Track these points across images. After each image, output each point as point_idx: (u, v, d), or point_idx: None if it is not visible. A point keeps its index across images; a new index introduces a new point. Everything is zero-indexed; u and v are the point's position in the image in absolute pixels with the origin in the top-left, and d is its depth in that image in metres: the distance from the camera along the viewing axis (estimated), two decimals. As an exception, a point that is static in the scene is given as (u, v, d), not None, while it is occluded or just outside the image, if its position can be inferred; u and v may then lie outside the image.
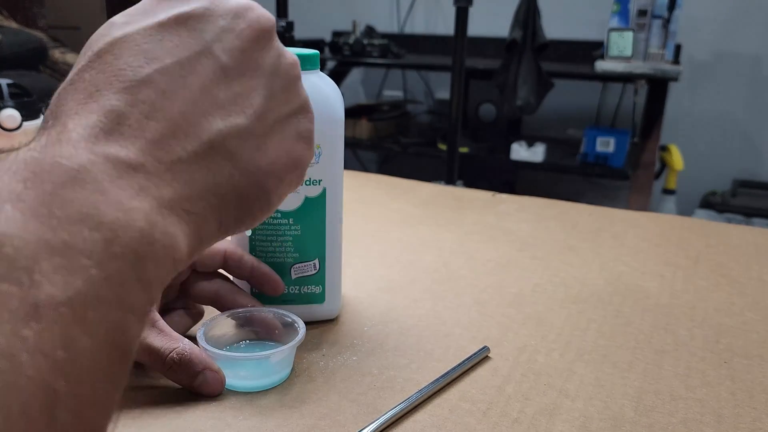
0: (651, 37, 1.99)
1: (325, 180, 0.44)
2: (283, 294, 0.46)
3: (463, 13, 1.47)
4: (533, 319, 0.49)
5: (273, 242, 0.45)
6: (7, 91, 0.81)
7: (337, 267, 0.47)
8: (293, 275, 0.46)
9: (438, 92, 2.66)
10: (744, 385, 0.41)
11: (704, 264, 0.62)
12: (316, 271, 0.46)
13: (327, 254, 0.46)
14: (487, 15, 2.24)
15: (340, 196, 0.46)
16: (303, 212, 0.45)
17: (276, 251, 0.45)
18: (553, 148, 2.20)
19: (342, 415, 0.37)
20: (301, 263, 0.46)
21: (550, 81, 1.99)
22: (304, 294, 0.47)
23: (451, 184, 1.55)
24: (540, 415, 0.37)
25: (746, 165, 2.28)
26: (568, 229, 0.71)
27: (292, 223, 0.45)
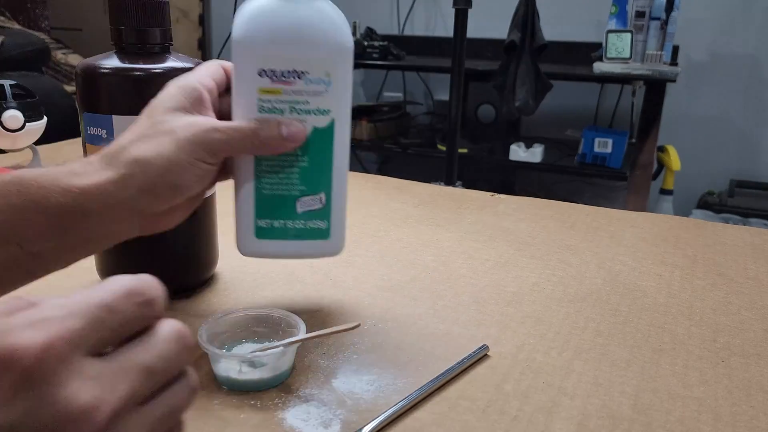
0: (649, 38, 1.99)
1: (333, 110, 0.43)
2: (288, 228, 0.45)
3: (462, 15, 1.48)
4: (532, 318, 0.50)
5: (279, 173, 0.43)
6: (10, 91, 0.81)
7: (342, 202, 0.46)
8: (299, 209, 0.44)
9: (437, 93, 2.67)
10: (741, 384, 0.42)
11: (701, 263, 0.62)
12: (322, 205, 0.45)
13: (333, 188, 0.45)
14: (486, 17, 2.25)
15: (348, 128, 0.44)
16: (310, 143, 0.43)
17: (282, 182, 0.43)
18: (552, 149, 2.21)
19: (342, 413, 0.37)
20: (307, 196, 0.44)
21: (548, 82, 2.00)
22: (310, 229, 0.45)
23: (451, 184, 1.56)
24: (538, 412, 0.38)
25: (743, 165, 2.29)
26: (566, 228, 0.71)
27: (299, 154, 0.43)
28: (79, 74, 0.48)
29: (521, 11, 1.97)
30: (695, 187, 2.29)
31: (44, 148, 0.94)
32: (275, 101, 0.41)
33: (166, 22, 0.48)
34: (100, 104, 0.47)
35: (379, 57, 2.30)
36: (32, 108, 0.83)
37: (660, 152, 2.20)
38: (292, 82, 0.41)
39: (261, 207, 0.44)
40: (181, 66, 0.48)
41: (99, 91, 0.47)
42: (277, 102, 0.41)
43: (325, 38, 0.41)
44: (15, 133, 0.81)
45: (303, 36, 0.41)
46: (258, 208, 0.44)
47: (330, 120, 0.43)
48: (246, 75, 0.41)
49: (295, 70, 0.41)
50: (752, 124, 2.26)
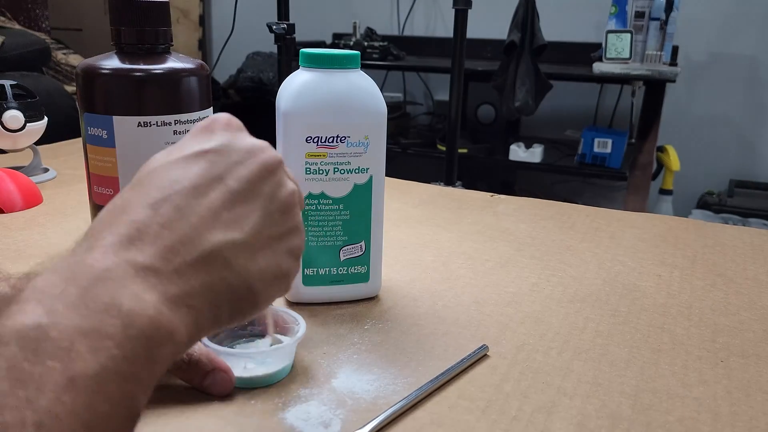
0: (648, 38, 2.00)
1: (371, 168, 0.49)
2: (332, 275, 0.50)
3: (462, 16, 1.48)
4: (531, 318, 0.50)
5: (324, 227, 0.49)
6: (10, 92, 0.81)
7: (379, 248, 0.51)
8: (342, 257, 0.50)
9: (437, 94, 2.67)
10: (740, 384, 0.42)
11: (701, 264, 0.62)
12: (362, 252, 0.50)
13: (372, 236, 0.50)
14: (485, 17, 2.25)
15: (383, 183, 0.50)
16: (352, 198, 0.49)
17: (327, 235, 0.49)
18: (551, 149, 2.21)
19: (342, 413, 0.37)
20: (349, 245, 0.50)
21: (548, 82, 2.00)
22: (352, 274, 0.50)
23: (451, 184, 1.56)
24: (538, 412, 0.38)
25: (743, 165, 2.29)
26: (566, 229, 0.71)
27: (342, 208, 0.49)
28: (80, 74, 0.48)
29: (521, 11, 1.97)
30: (695, 187, 2.29)
31: (45, 148, 0.94)
32: (320, 163, 0.47)
33: (166, 22, 0.48)
34: (101, 104, 0.47)
35: (379, 57, 2.30)
36: (33, 108, 0.83)
37: (659, 152, 2.20)
38: (336, 147, 0.47)
39: (308, 257, 0.49)
40: (181, 66, 0.49)
41: (99, 91, 0.48)
42: (323, 164, 0.47)
43: (363, 106, 0.47)
44: (15, 134, 0.81)
45: (343, 106, 0.47)
46: (305, 259, 0.49)
47: (369, 177, 0.49)
48: (294, 142, 0.47)
49: (338, 135, 0.47)
50: (752, 124, 2.26)
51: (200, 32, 3.07)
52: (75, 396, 0.20)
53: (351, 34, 2.43)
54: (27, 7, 2.55)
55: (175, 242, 0.26)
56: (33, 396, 0.20)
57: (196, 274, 0.26)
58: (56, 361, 0.21)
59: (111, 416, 0.21)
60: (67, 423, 0.20)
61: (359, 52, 0.48)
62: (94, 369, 0.21)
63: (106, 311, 0.23)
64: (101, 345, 0.22)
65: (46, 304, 0.22)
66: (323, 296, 0.51)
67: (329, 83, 0.47)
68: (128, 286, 0.24)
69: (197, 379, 0.38)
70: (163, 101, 0.48)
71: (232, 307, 0.28)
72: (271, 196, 0.29)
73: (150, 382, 0.24)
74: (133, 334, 0.23)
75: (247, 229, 0.28)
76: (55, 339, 0.21)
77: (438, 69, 2.33)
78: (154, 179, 0.28)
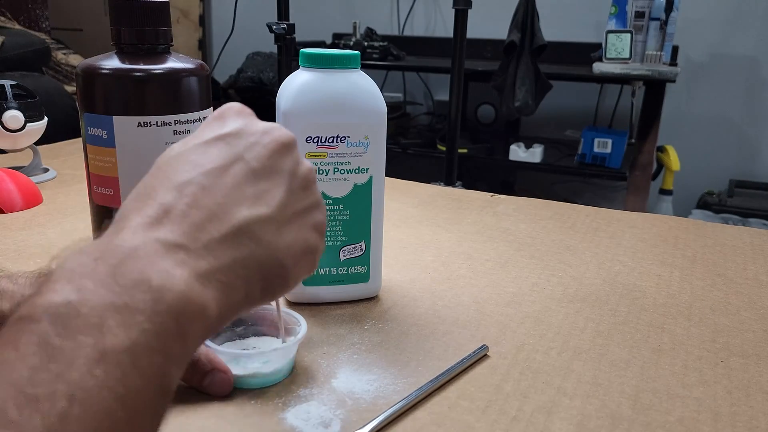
0: (648, 39, 2.00)
1: (371, 168, 0.49)
2: (332, 275, 0.50)
3: (462, 16, 1.48)
4: (531, 318, 0.50)
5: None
6: (10, 92, 0.81)
7: (379, 248, 0.51)
8: (342, 257, 0.50)
9: (437, 94, 2.67)
10: (740, 384, 0.42)
11: (701, 264, 0.63)
12: (362, 252, 0.50)
13: (372, 236, 0.50)
14: (485, 17, 2.25)
15: (383, 183, 0.50)
16: (352, 198, 0.49)
17: (327, 235, 0.49)
18: (551, 149, 2.21)
19: (342, 413, 0.37)
20: (349, 245, 0.50)
21: (548, 82, 2.00)
22: (352, 274, 0.51)
23: (450, 184, 1.56)
24: (538, 412, 0.38)
25: (743, 165, 2.29)
26: (566, 229, 0.71)
27: (342, 208, 0.49)
28: (80, 74, 0.48)
29: (521, 12, 1.97)
30: (695, 187, 2.29)
31: (45, 149, 0.94)
32: (321, 163, 0.47)
33: (166, 22, 0.48)
34: (101, 105, 0.47)
35: (379, 57, 2.30)
36: (33, 108, 0.83)
37: (659, 152, 2.20)
38: (336, 147, 0.47)
39: None
40: (181, 66, 0.49)
41: (99, 91, 0.48)
42: (323, 164, 0.47)
43: (363, 106, 0.48)
44: (15, 134, 0.81)
45: (343, 106, 0.47)
46: None
47: (369, 177, 0.49)
48: None
49: (338, 135, 0.47)
50: (752, 124, 2.26)
51: (200, 32, 3.07)
52: (107, 370, 0.21)
53: (351, 34, 2.43)
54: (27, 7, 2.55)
55: (202, 220, 0.26)
56: (64, 370, 0.20)
57: (226, 250, 0.26)
58: (87, 336, 0.21)
59: (143, 390, 0.22)
60: (99, 396, 0.20)
61: (359, 52, 0.48)
62: (125, 343, 0.21)
63: (136, 287, 0.23)
64: (132, 320, 0.22)
65: (75, 282, 0.22)
66: (323, 296, 0.51)
67: (329, 83, 0.47)
68: (157, 263, 0.24)
69: (196, 379, 0.38)
70: (163, 101, 0.48)
71: (263, 282, 0.28)
72: (292, 172, 0.30)
73: (182, 358, 0.24)
74: (163, 309, 0.23)
75: (273, 204, 0.29)
76: (85, 315, 0.21)
77: (438, 69, 2.33)
78: (175, 165, 0.28)
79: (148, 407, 0.22)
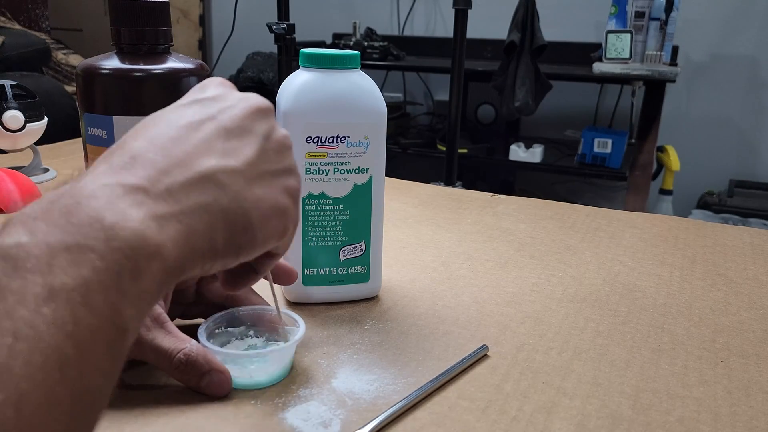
0: (648, 39, 2.00)
1: (371, 168, 0.49)
2: (332, 275, 0.50)
3: (462, 16, 1.48)
4: (531, 318, 0.50)
5: (324, 227, 0.49)
6: (10, 92, 0.81)
7: (379, 248, 0.51)
8: (342, 257, 0.50)
9: (437, 94, 2.67)
10: (740, 384, 0.42)
11: (701, 264, 0.62)
12: (362, 252, 0.50)
13: (372, 236, 0.50)
14: (485, 17, 2.25)
15: (383, 183, 0.50)
16: (352, 198, 0.49)
17: (327, 235, 0.49)
18: (551, 149, 2.21)
19: (342, 413, 0.37)
20: (349, 245, 0.50)
21: (548, 82, 2.00)
22: (352, 274, 0.50)
23: (451, 184, 1.56)
24: (538, 413, 0.38)
25: (743, 165, 2.29)
26: (566, 229, 0.71)
27: (342, 208, 0.49)
28: (80, 75, 0.48)
29: (521, 12, 1.97)
30: (695, 187, 2.29)
31: (45, 149, 0.94)
32: (320, 163, 0.47)
33: (166, 22, 0.48)
34: (101, 104, 0.47)
35: (379, 57, 2.30)
36: (33, 108, 0.83)
37: (659, 152, 2.20)
38: (336, 147, 0.47)
39: (308, 258, 0.49)
40: (181, 66, 0.49)
41: (99, 91, 0.48)
42: (323, 164, 0.47)
43: (363, 106, 0.48)
44: (15, 134, 0.81)
45: (343, 106, 0.47)
46: (305, 259, 0.49)
47: (369, 177, 0.49)
48: (294, 142, 0.49)
49: (338, 135, 0.47)
50: (752, 124, 2.26)
51: (200, 32, 3.07)
52: (56, 307, 0.20)
53: (351, 34, 2.43)
54: (27, 7, 2.55)
55: (167, 165, 0.26)
56: (11, 308, 0.20)
57: (188, 194, 0.26)
58: (36, 275, 0.21)
59: (96, 329, 0.21)
60: (48, 334, 0.20)
61: (359, 52, 0.48)
62: (75, 281, 0.21)
63: (90, 225, 0.22)
64: (83, 258, 0.22)
65: (28, 225, 0.22)
66: (323, 296, 0.51)
67: (329, 83, 0.47)
68: (114, 203, 0.24)
69: (194, 380, 0.38)
70: (163, 101, 0.47)
71: (228, 232, 0.27)
72: (266, 135, 0.31)
73: (138, 297, 0.23)
74: (115, 246, 0.22)
75: (242, 159, 0.29)
76: (35, 255, 0.21)
77: (438, 69, 2.33)
78: (150, 123, 0.29)
79: (100, 345, 0.21)
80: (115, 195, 0.24)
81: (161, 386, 0.39)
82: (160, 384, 0.39)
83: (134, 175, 0.25)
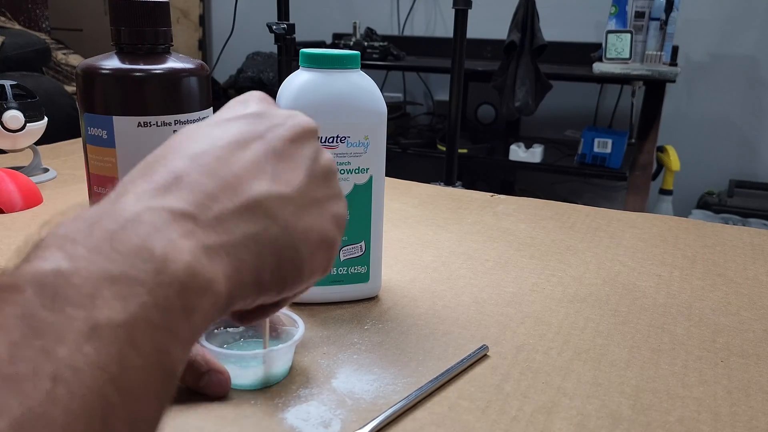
0: (648, 39, 2.00)
1: (371, 168, 0.49)
2: (331, 275, 0.50)
3: (462, 16, 1.48)
4: (531, 318, 0.50)
5: None
6: (10, 92, 0.82)
7: (379, 248, 0.51)
8: (342, 257, 0.50)
9: (437, 94, 2.67)
10: (740, 384, 0.42)
11: (701, 264, 0.62)
12: (362, 252, 0.50)
13: (372, 236, 0.50)
14: (485, 17, 2.25)
15: (383, 183, 0.50)
16: (352, 198, 0.48)
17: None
18: (551, 149, 2.21)
19: (342, 413, 0.37)
20: (349, 245, 0.50)
21: (548, 82, 2.00)
22: (351, 274, 0.51)
23: (451, 184, 1.56)
24: (538, 413, 0.38)
25: (743, 166, 2.29)
26: (566, 229, 0.71)
27: None
28: (80, 75, 0.48)
29: (521, 12, 1.97)
30: (695, 187, 2.29)
31: (45, 149, 0.94)
32: None
33: (166, 22, 0.48)
34: (101, 104, 0.47)
35: (379, 57, 2.30)
36: (33, 108, 0.83)
37: (659, 152, 2.20)
38: (336, 147, 0.47)
39: None
40: (181, 66, 0.49)
41: (99, 91, 0.48)
42: None
43: (363, 106, 0.47)
44: (15, 134, 0.81)
45: (343, 106, 0.47)
46: None
47: (369, 177, 0.49)
48: None
49: (338, 135, 0.47)
50: (752, 125, 2.26)
51: (200, 32, 3.07)
52: (99, 347, 0.18)
53: (351, 34, 2.43)
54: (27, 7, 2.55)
55: (215, 189, 0.24)
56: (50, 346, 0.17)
57: (238, 223, 0.24)
58: (78, 308, 0.18)
59: (142, 370, 0.19)
60: (91, 376, 0.17)
61: (359, 52, 0.48)
62: (121, 317, 0.19)
63: (137, 255, 0.20)
64: (130, 291, 0.19)
65: (67, 249, 0.20)
66: (323, 296, 0.51)
67: (329, 83, 0.47)
68: (162, 231, 0.21)
69: (192, 380, 0.38)
70: (163, 101, 0.48)
71: (276, 265, 0.25)
72: (314, 159, 0.28)
73: (187, 336, 0.21)
74: (166, 281, 0.20)
75: (293, 185, 0.26)
76: (77, 285, 0.19)
77: (438, 69, 2.33)
78: (190, 138, 0.26)
79: (147, 390, 0.19)
80: (162, 221, 0.22)
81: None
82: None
83: (180, 200, 0.23)
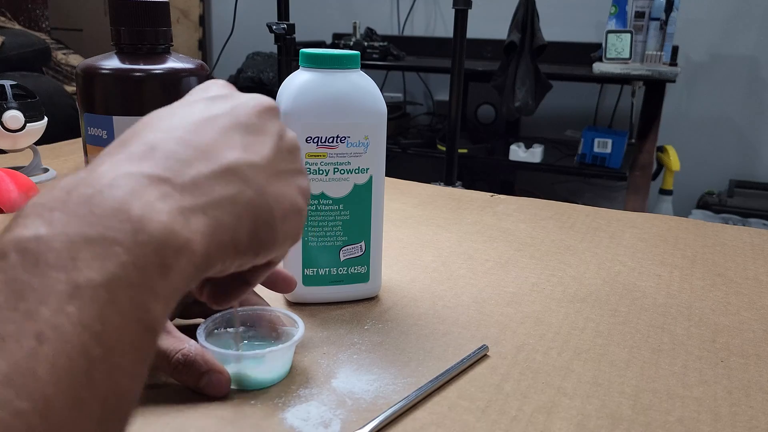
0: (648, 39, 2.00)
1: (371, 168, 0.49)
2: (332, 275, 0.50)
3: (462, 16, 1.48)
4: (531, 318, 0.50)
5: (324, 227, 0.49)
6: (10, 92, 0.81)
7: (379, 248, 0.51)
8: (342, 257, 0.50)
9: (437, 94, 2.67)
10: (740, 384, 0.42)
11: (701, 264, 0.62)
12: (362, 252, 0.50)
13: (372, 236, 0.50)
14: (486, 17, 2.25)
15: (383, 183, 0.50)
16: (352, 198, 0.49)
17: (327, 235, 0.49)
18: (551, 149, 2.21)
19: (342, 413, 0.37)
20: (349, 245, 0.50)
21: (548, 82, 2.00)
22: (352, 274, 0.50)
23: (451, 184, 1.56)
24: (538, 413, 0.38)
25: (743, 166, 2.29)
26: (566, 229, 0.71)
27: (342, 208, 0.49)
28: (80, 75, 0.48)
29: (521, 12, 1.97)
30: (695, 187, 2.29)
31: (45, 149, 0.94)
32: (320, 163, 0.47)
33: (166, 22, 0.48)
34: (101, 104, 0.47)
35: (379, 57, 2.30)
36: (33, 108, 0.83)
37: (659, 152, 2.20)
38: (335, 147, 0.47)
39: (307, 258, 0.49)
40: (181, 66, 0.49)
41: (99, 91, 0.48)
42: (323, 164, 0.47)
43: (362, 107, 0.48)
44: (15, 134, 0.81)
45: (343, 106, 0.47)
46: (305, 259, 0.49)
47: (369, 177, 0.49)
48: None
49: (338, 135, 0.47)
50: (752, 124, 2.26)
51: (200, 32, 3.07)
52: (81, 306, 0.19)
53: (351, 34, 2.43)
54: (27, 7, 2.55)
55: (190, 157, 0.25)
56: (34, 307, 0.18)
57: (214, 186, 0.25)
58: (59, 271, 0.19)
59: (123, 328, 0.20)
60: (73, 334, 0.18)
61: (359, 52, 0.48)
62: (101, 277, 0.20)
63: (114, 216, 0.21)
64: (109, 252, 0.20)
65: (46, 216, 0.20)
66: (323, 296, 0.51)
67: (329, 83, 0.47)
68: (139, 193, 0.22)
69: (192, 380, 0.38)
70: (163, 101, 0.47)
71: (252, 226, 0.26)
72: (279, 135, 0.30)
73: (167, 294, 0.22)
74: (143, 240, 0.21)
75: (263, 155, 0.28)
76: (56, 249, 0.20)
77: (438, 69, 2.33)
78: (162, 116, 0.27)
79: (128, 345, 0.20)
80: (139, 185, 0.23)
81: (161, 386, 0.39)
82: (160, 384, 0.39)
83: (157, 166, 0.24)
